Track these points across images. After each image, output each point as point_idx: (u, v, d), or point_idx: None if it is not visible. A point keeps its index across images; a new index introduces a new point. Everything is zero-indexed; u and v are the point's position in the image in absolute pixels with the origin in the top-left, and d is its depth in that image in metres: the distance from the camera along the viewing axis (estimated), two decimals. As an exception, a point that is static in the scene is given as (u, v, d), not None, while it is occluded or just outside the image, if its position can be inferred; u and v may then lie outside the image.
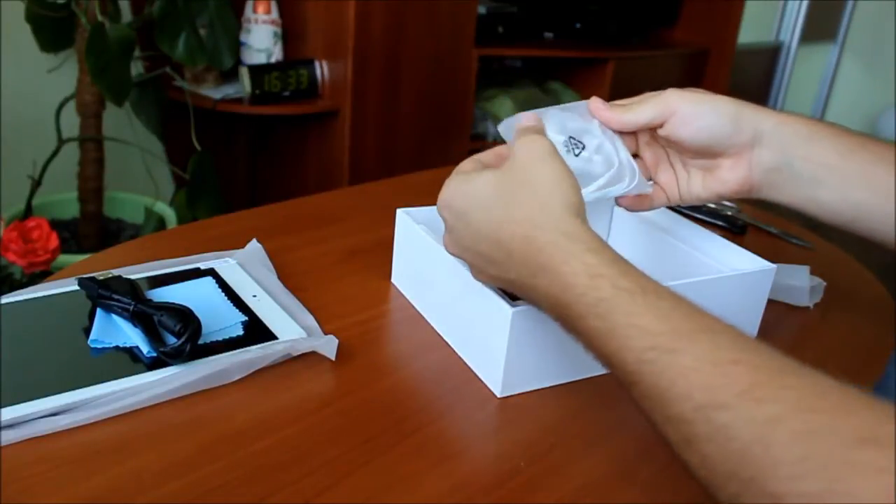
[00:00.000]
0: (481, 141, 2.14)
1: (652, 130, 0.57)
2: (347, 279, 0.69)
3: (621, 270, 0.42)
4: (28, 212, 1.44)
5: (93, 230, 1.56)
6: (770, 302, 0.65)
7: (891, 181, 0.52)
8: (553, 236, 0.45)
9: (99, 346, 0.54)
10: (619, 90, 1.37)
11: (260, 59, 1.75)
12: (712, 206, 0.97)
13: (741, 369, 0.36)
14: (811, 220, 0.60)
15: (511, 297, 0.53)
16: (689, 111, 0.55)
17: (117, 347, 0.54)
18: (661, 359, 0.38)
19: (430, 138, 1.98)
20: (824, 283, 0.75)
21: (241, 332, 0.57)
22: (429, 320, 0.63)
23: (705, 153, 0.56)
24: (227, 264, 0.67)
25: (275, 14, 1.75)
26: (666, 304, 0.40)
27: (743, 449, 0.33)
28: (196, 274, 0.65)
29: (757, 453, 0.33)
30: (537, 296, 0.46)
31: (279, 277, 0.66)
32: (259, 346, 0.55)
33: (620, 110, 0.56)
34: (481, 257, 0.50)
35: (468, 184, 0.51)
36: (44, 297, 0.59)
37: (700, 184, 0.58)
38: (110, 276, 0.59)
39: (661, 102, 0.55)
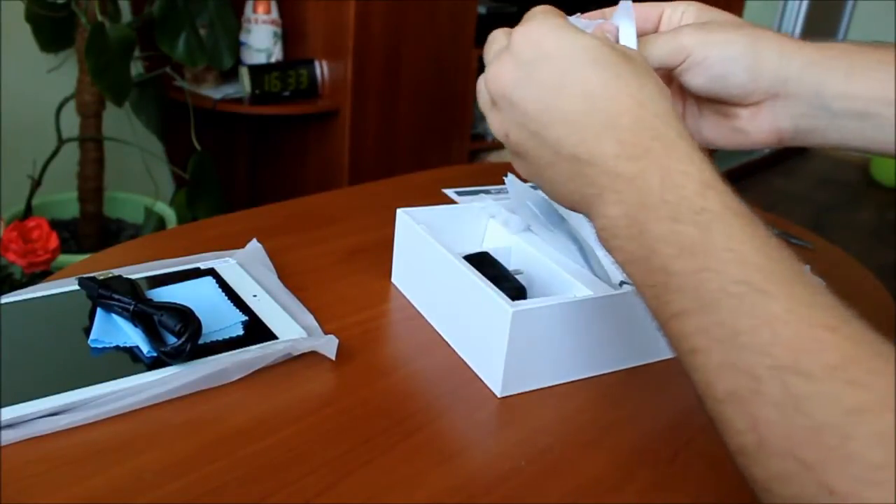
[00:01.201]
0: (481, 141, 2.14)
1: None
2: (347, 279, 0.69)
3: (731, 193, 0.37)
4: (28, 212, 1.44)
5: (93, 230, 1.56)
6: (770, 302, 0.65)
7: None
8: (672, 130, 0.38)
9: (99, 345, 0.54)
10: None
11: (260, 59, 1.75)
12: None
13: (837, 339, 0.31)
14: (811, 220, 0.60)
15: (511, 296, 0.53)
16: (700, 56, 0.48)
17: (117, 347, 0.54)
18: (749, 296, 0.32)
19: (430, 138, 1.98)
20: (824, 284, 0.75)
21: (241, 332, 0.57)
22: (429, 320, 0.63)
23: (719, 102, 0.51)
24: (227, 264, 0.67)
25: (275, 14, 1.75)
26: (771, 243, 0.35)
27: (815, 430, 0.29)
28: (196, 274, 0.65)
29: (831, 441, 0.29)
30: (617, 177, 0.38)
31: (279, 277, 0.66)
32: (259, 345, 0.55)
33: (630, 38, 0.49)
34: (549, 115, 0.41)
35: (580, 37, 0.41)
36: (44, 297, 0.59)
37: (714, 131, 0.52)
38: (110, 275, 0.59)
39: (675, 42, 0.48)
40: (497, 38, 0.46)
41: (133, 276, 0.60)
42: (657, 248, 0.36)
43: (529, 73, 0.41)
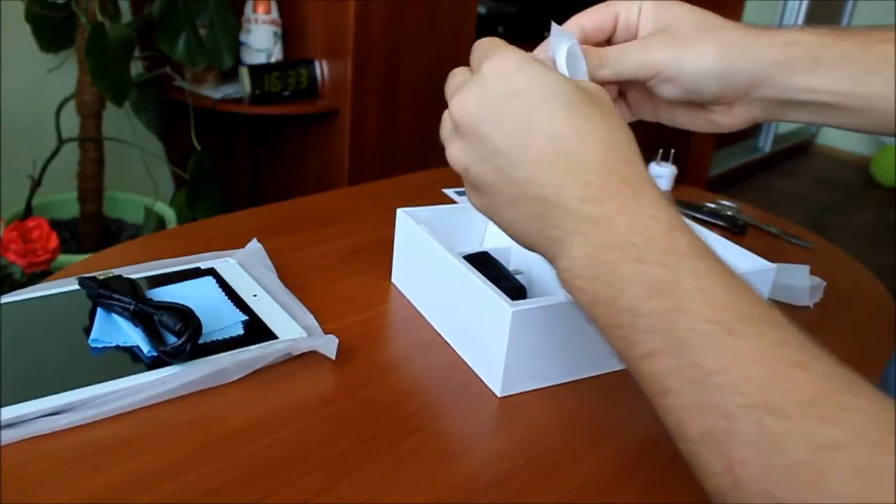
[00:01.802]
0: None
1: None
2: (347, 279, 0.69)
3: (697, 235, 0.37)
4: (28, 212, 1.44)
5: (93, 230, 1.56)
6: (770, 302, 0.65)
7: None
8: (639, 175, 0.38)
9: (99, 345, 0.54)
10: (619, 90, 1.37)
11: (260, 59, 1.75)
12: (712, 206, 0.98)
13: (805, 375, 0.31)
14: (811, 220, 0.60)
15: (511, 296, 0.53)
16: (672, 72, 0.49)
17: (117, 347, 0.54)
18: (719, 336, 0.33)
19: (430, 138, 1.97)
20: (824, 283, 0.75)
21: (241, 332, 0.57)
22: (429, 320, 0.63)
23: (692, 104, 0.52)
24: (227, 264, 0.67)
25: (275, 14, 1.75)
26: (737, 282, 0.35)
27: (791, 468, 0.29)
28: (196, 274, 0.65)
29: (807, 478, 0.29)
30: (582, 219, 0.38)
31: (279, 277, 0.66)
32: (259, 345, 0.55)
33: (599, 57, 0.49)
34: (509, 158, 0.40)
35: (545, 75, 0.40)
36: (44, 296, 0.59)
37: (689, 119, 0.54)
38: (110, 275, 0.59)
39: (645, 57, 0.49)
40: (458, 72, 0.45)
41: (133, 276, 0.60)
42: (625, 288, 0.36)
43: (500, 107, 0.40)
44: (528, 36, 2.20)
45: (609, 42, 0.52)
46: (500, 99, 0.40)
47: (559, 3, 2.30)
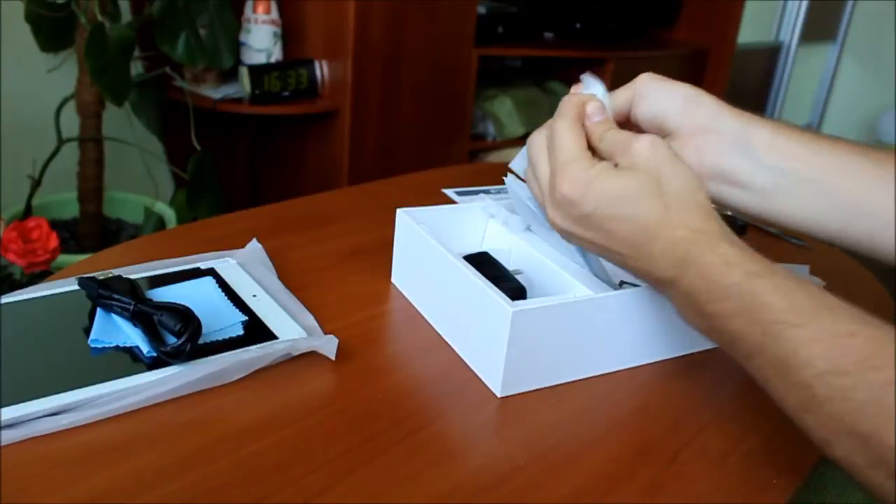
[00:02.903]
0: (481, 141, 2.14)
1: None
2: (347, 279, 0.69)
3: (751, 258, 0.46)
4: (28, 212, 1.44)
5: (93, 230, 1.56)
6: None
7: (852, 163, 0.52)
8: (693, 234, 0.48)
9: (99, 345, 0.54)
10: (619, 90, 1.37)
11: (260, 59, 1.75)
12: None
13: (858, 341, 0.40)
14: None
15: (511, 296, 0.53)
16: (646, 90, 0.56)
17: (117, 347, 0.54)
18: (785, 332, 0.42)
19: (430, 138, 1.98)
20: (824, 284, 0.75)
21: (241, 332, 0.57)
22: (429, 320, 0.63)
23: (658, 132, 0.55)
24: (227, 264, 0.67)
25: (275, 14, 1.75)
26: (791, 284, 0.44)
27: (861, 408, 0.38)
28: (196, 274, 0.65)
29: (874, 412, 0.38)
30: (673, 284, 0.48)
31: (279, 277, 0.66)
32: (259, 345, 0.55)
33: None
34: (613, 252, 0.51)
35: (606, 184, 0.50)
36: (44, 297, 0.59)
37: None
38: (110, 275, 0.59)
39: (632, 85, 0.57)
40: (541, 157, 0.55)
41: (133, 276, 0.60)
42: (713, 320, 0.46)
43: (585, 222, 0.51)
44: (528, 36, 2.20)
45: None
46: (584, 219, 0.51)
47: (559, 4, 2.30)
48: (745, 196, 0.54)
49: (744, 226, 0.92)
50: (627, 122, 0.57)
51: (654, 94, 0.56)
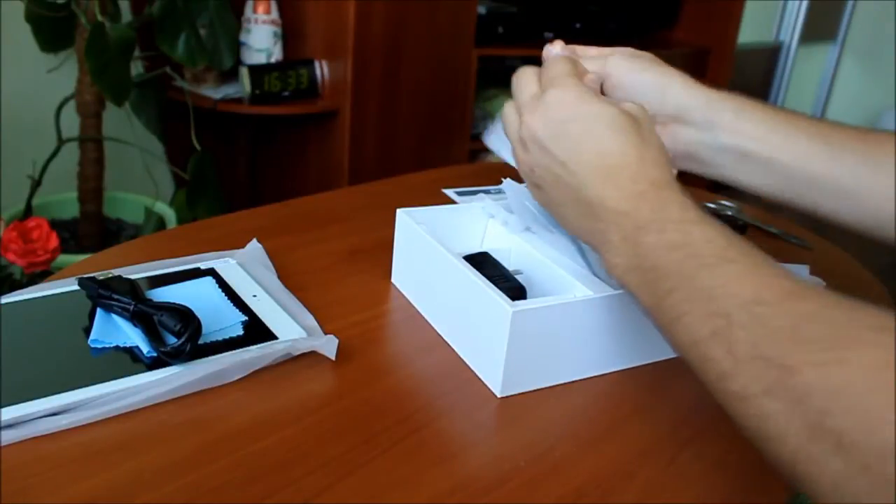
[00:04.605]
0: (481, 141, 2.14)
1: None
2: (347, 279, 0.69)
3: (707, 214, 0.47)
4: (28, 212, 1.44)
5: (93, 230, 1.56)
6: (770, 302, 0.65)
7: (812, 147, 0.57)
8: (661, 177, 0.49)
9: (99, 345, 0.54)
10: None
11: (260, 59, 1.75)
12: (712, 206, 0.98)
13: (786, 282, 0.40)
14: (811, 220, 0.60)
15: (511, 296, 0.53)
16: (620, 80, 0.59)
17: (117, 347, 0.54)
18: (720, 265, 0.42)
19: (430, 138, 1.98)
20: (824, 284, 0.75)
21: (241, 332, 0.57)
22: (429, 320, 0.63)
23: None
24: (227, 264, 0.67)
25: (275, 14, 1.75)
26: (739, 240, 0.45)
27: (773, 333, 0.38)
28: (196, 274, 0.65)
29: (785, 337, 0.37)
30: (617, 213, 0.49)
31: (279, 277, 0.66)
32: (259, 345, 0.55)
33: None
34: (565, 167, 0.52)
35: (596, 104, 0.52)
36: (44, 297, 0.59)
37: None
38: (110, 276, 0.59)
39: (602, 65, 0.60)
40: (528, 80, 0.57)
41: (133, 277, 0.60)
42: (649, 253, 0.46)
43: (561, 129, 0.52)
44: (528, 36, 2.20)
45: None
46: (561, 123, 0.52)
47: (559, 4, 2.30)
48: (707, 171, 0.61)
49: (744, 226, 0.92)
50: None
51: (626, 85, 0.59)
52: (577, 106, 0.52)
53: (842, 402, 0.33)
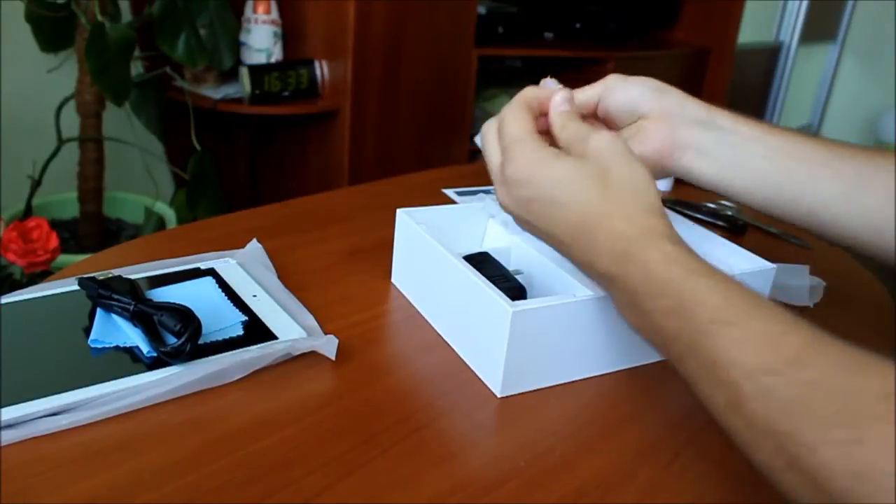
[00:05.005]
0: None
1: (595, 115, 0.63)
2: (347, 279, 0.69)
3: (693, 258, 0.47)
4: (28, 212, 1.44)
5: (93, 230, 1.56)
6: (770, 302, 0.65)
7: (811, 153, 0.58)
8: (635, 229, 0.48)
9: (99, 345, 0.54)
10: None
11: (260, 59, 1.75)
12: (712, 206, 0.97)
13: (791, 339, 0.40)
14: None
15: (511, 296, 0.53)
16: (618, 85, 0.61)
17: (117, 347, 0.54)
18: (719, 331, 0.42)
19: (430, 138, 1.98)
20: (824, 283, 0.75)
21: (241, 332, 0.57)
22: (429, 320, 0.63)
23: (631, 119, 0.61)
24: (227, 264, 0.67)
25: (275, 14, 1.75)
26: (729, 285, 0.44)
27: (784, 407, 0.37)
28: (196, 274, 0.65)
29: (796, 410, 0.37)
30: (615, 280, 0.49)
31: (279, 277, 0.66)
32: (259, 345, 0.55)
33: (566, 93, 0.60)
34: (557, 241, 0.52)
35: (550, 168, 0.51)
36: (44, 297, 0.59)
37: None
38: (110, 276, 0.59)
39: (602, 82, 0.62)
40: (491, 147, 0.56)
41: (133, 276, 0.60)
42: (650, 318, 0.47)
43: (528, 209, 0.53)
44: (528, 36, 2.20)
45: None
46: (527, 202, 0.53)
47: (559, 4, 2.30)
48: (707, 164, 0.60)
49: (744, 226, 0.92)
50: (593, 118, 0.63)
51: (624, 85, 0.61)
52: (532, 177, 0.52)
53: (865, 485, 0.34)
